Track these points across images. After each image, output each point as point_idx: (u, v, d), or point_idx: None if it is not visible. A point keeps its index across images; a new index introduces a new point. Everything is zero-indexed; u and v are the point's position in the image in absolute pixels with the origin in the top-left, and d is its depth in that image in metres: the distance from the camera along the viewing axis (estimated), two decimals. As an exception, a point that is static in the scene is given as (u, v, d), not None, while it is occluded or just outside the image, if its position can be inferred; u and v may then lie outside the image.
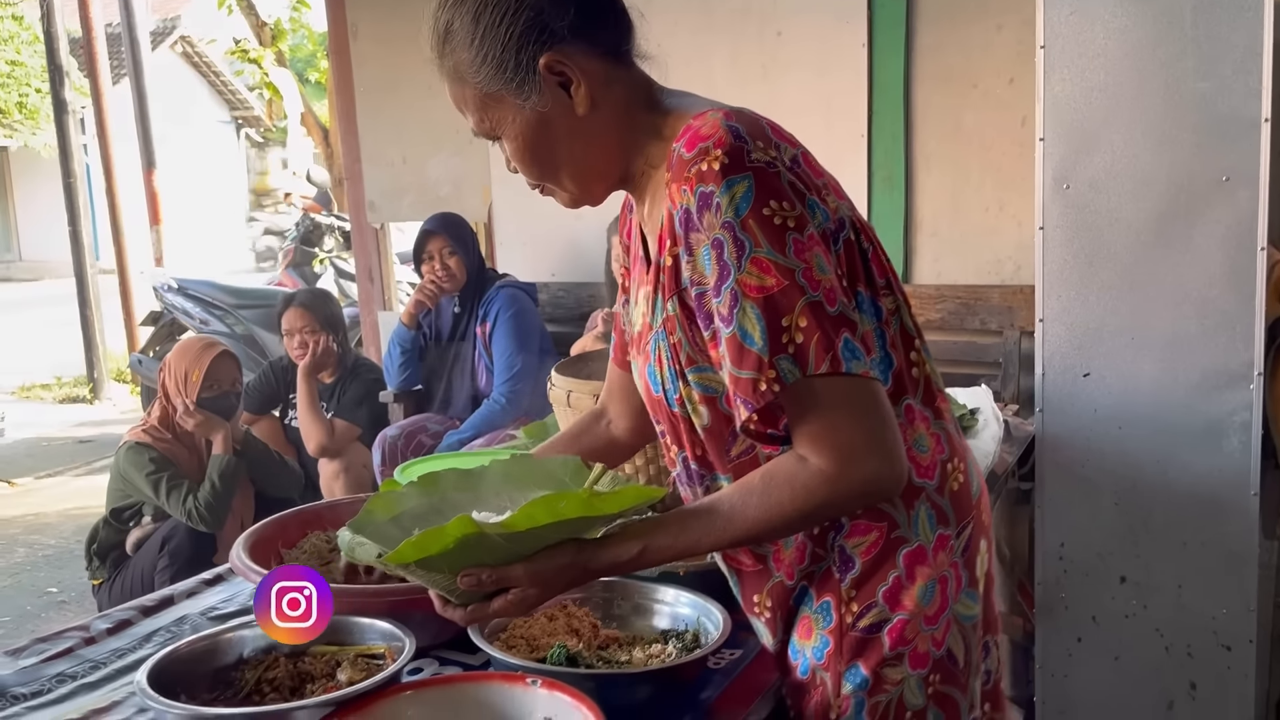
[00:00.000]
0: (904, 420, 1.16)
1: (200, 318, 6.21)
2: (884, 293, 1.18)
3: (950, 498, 1.19)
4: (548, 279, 4.11)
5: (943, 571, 1.18)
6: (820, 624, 1.20)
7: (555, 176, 1.22)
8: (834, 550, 1.18)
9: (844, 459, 1.07)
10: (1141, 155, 2.10)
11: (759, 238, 1.06)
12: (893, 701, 1.18)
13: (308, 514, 1.66)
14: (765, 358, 1.05)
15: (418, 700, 1.14)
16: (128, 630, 1.52)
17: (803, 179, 1.11)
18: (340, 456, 3.86)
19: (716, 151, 1.07)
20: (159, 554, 3.19)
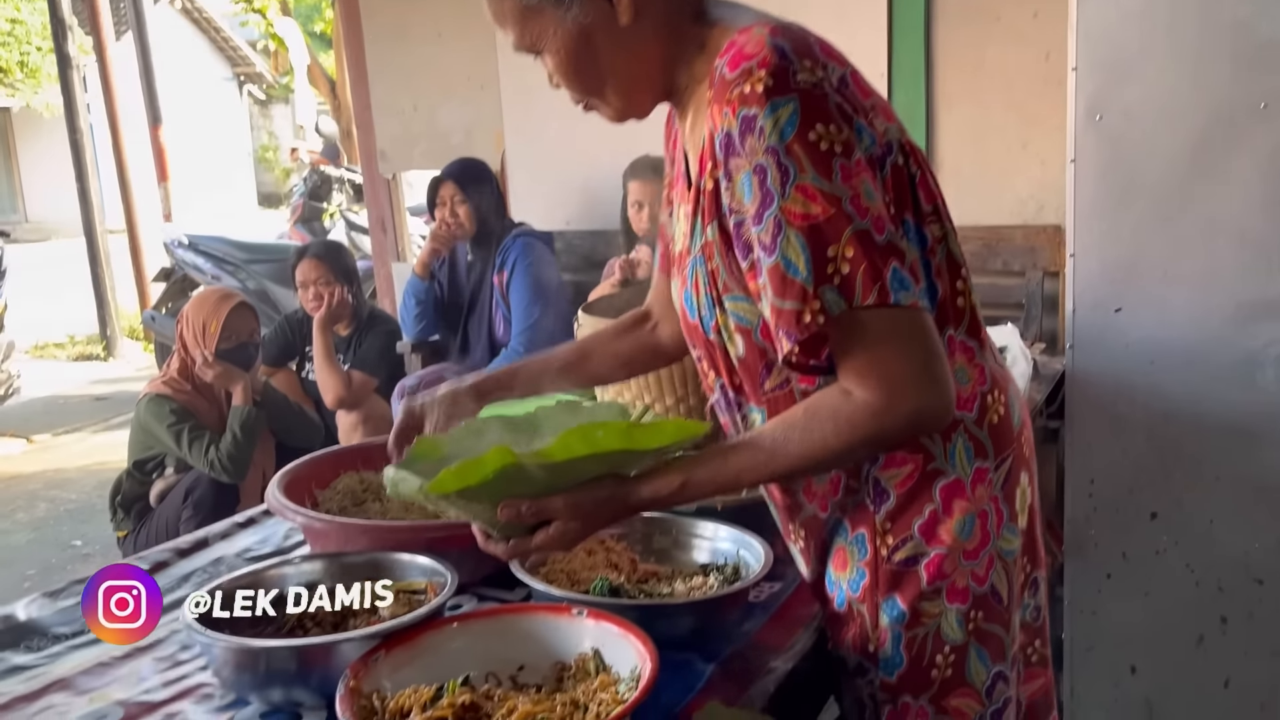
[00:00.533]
0: (945, 351, 1.13)
1: (212, 273, 6.19)
2: (930, 220, 1.14)
3: (989, 430, 1.17)
4: (563, 227, 4.07)
5: (982, 506, 1.16)
6: (856, 556, 1.19)
7: (599, 90, 1.18)
8: (868, 482, 1.16)
9: (891, 391, 1.04)
10: (1177, 84, 2.05)
11: (804, 163, 1.02)
12: (930, 634, 1.17)
13: (342, 454, 1.65)
14: (810, 288, 1.02)
15: (464, 632, 1.13)
16: (165, 571, 1.53)
17: (850, 101, 1.07)
18: (358, 408, 3.85)
19: (760, 72, 1.03)
20: (183, 505, 3.20)
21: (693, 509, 1.46)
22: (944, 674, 1.18)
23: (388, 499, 1.56)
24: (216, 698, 1.16)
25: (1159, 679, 2.29)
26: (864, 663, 1.21)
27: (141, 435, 3.37)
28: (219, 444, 3.25)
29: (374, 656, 1.07)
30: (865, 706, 1.22)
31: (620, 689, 1.04)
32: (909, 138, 1.16)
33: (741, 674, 1.19)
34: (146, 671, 1.23)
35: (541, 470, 1.06)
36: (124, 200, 8.07)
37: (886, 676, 1.19)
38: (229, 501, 3.20)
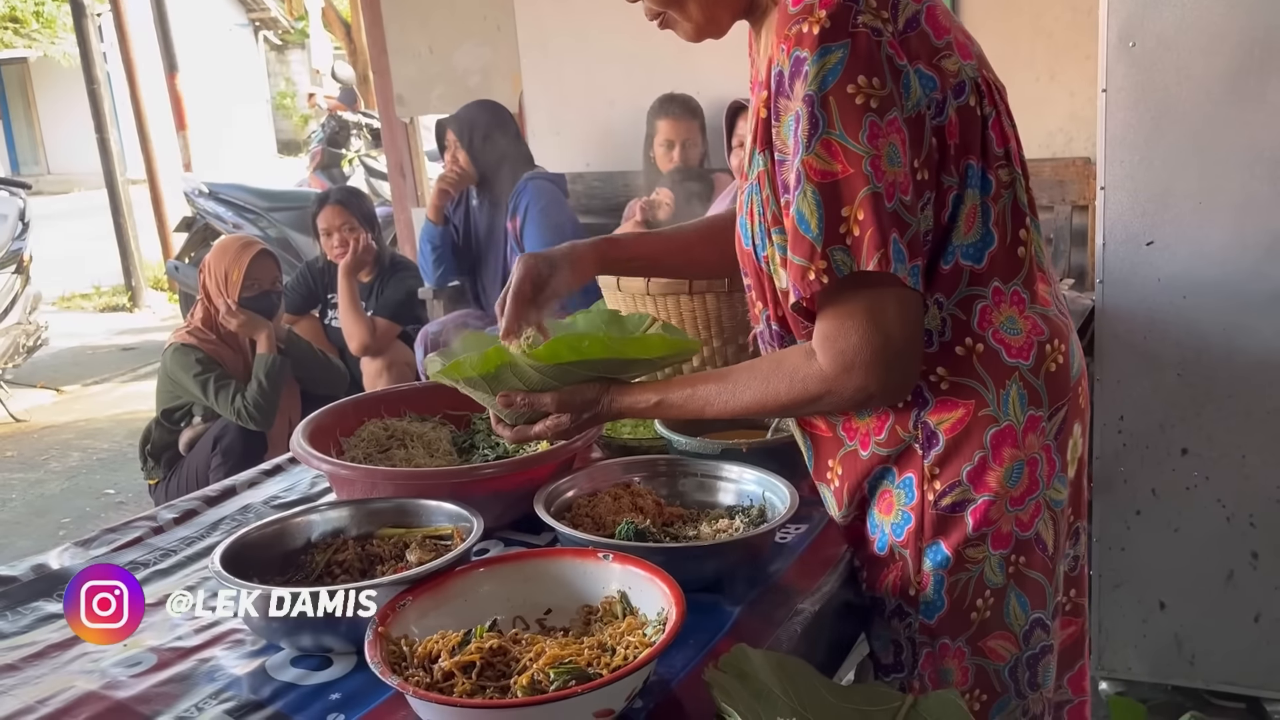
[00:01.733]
0: (990, 303, 1.13)
1: (233, 222, 6.19)
2: (1000, 164, 1.12)
3: (1046, 379, 1.15)
4: (582, 169, 4.02)
5: (1033, 454, 1.15)
6: (902, 500, 1.19)
7: (679, 2, 1.16)
8: (918, 426, 1.16)
9: (842, 366, 1.08)
10: (1214, 8, 1.99)
11: (834, 118, 1.01)
12: (973, 580, 1.18)
13: (365, 402, 1.65)
14: (819, 247, 1.03)
15: (491, 576, 1.13)
16: (194, 519, 1.53)
17: (912, 46, 1.05)
18: (382, 354, 3.86)
19: (820, 12, 1.01)
20: (211, 453, 3.23)
21: (718, 451, 1.45)
22: (982, 616, 1.19)
23: (412, 445, 1.56)
24: (247, 644, 1.17)
25: (1188, 615, 2.29)
26: (904, 606, 1.21)
27: (169, 385, 3.39)
28: (245, 392, 3.27)
29: (401, 602, 1.07)
30: (903, 649, 1.23)
31: (647, 632, 1.03)
32: (990, 75, 1.13)
33: (768, 616, 1.19)
34: (179, 618, 1.24)
35: (534, 369, 1.20)
36: (143, 150, 8.06)
37: (926, 619, 1.20)
38: (257, 449, 3.23)
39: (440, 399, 1.68)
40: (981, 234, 1.12)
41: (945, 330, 1.14)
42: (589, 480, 1.42)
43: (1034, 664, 1.23)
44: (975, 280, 1.13)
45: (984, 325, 1.13)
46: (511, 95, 4.13)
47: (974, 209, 1.10)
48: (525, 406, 1.24)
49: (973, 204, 1.10)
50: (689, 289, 1.76)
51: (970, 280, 1.13)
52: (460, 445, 1.60)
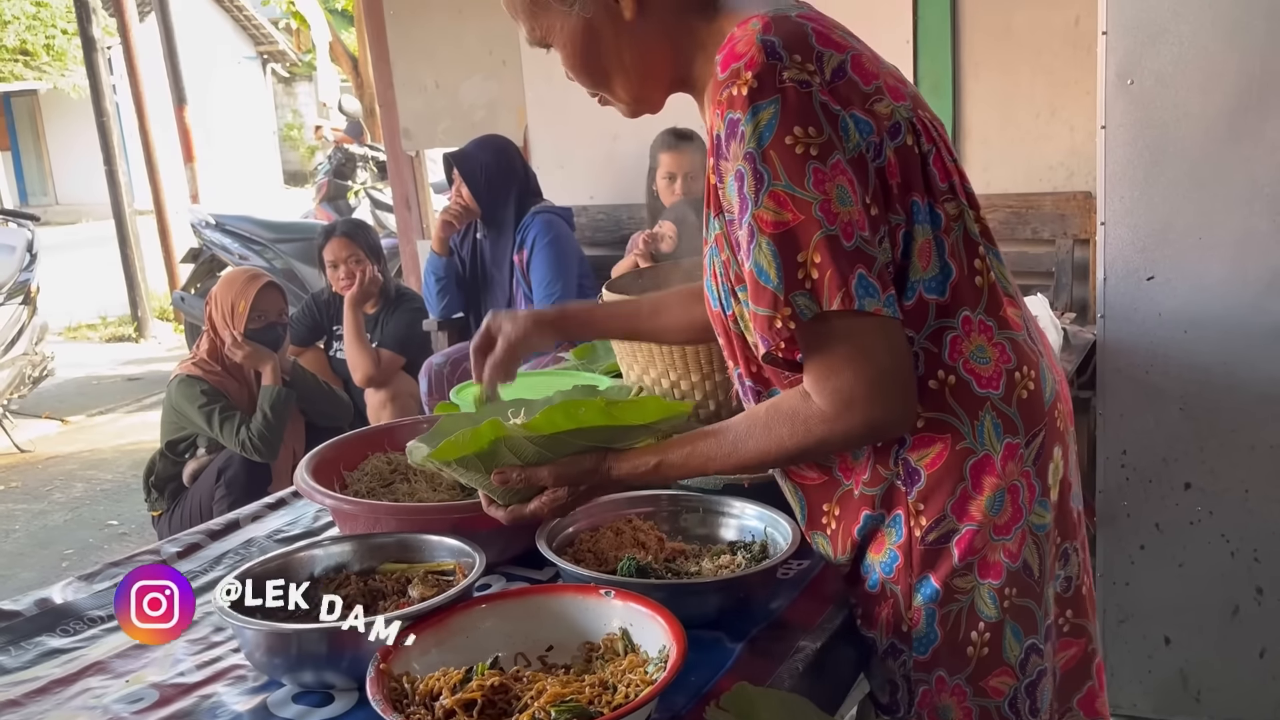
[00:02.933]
0: (960, 333, 1.14)
1: (239, 253, 6.22)
2: (945, 198, 1.14)
3: (1019, 406, 1.16)
4: (586, 202, 4.05)
5: (1013, 481, 1.16)
6: (891, 538, 1.19)
7: (608, 84, 1.21)
8: (899, 464, 1.17)
9: (842, 403, 1.08)
10: (1211, 46, 2.01)
11: (778, 170, 1.04)
12: (964, 610, 1.18)
13: (369, 436, 1.66)
14: (780, 295, 1.05)
15: (493, 613, 1.14)
16: (197, 553, 1.54)
17: (841, 93, 1.07)
18: (387, 386, 3.87)
19: (746, 74, 1.04)
20: (215, 484, 3.23)
21: (719, 486, 1.46)
22: (980, 652, 1.19)
23: (415, 480, 1.57)
24: (249, 680, 1.17)
25: (1194, 650, 2.28)
26: (897, 643, 1.21)
27: (173, 416, 3.41)
28: (250, 424, 3.28)
29: (403, 639, 1.08)
30: (898, 687, 1.23)
31: (649, 669, 1.04)
32: (925, 114, 1.15)
33: (770, 653, 1.19)
34: (181, 654, 1.24)
35: (531, 443, 1.17)
36: (151, 181, 8.12)
37: (920, 655, 1.20)
38: (261, 481, 3.23)
39: (444, 433, 1.69)
40: (940, 267, 1.13)
41: (918, 365, 1.14)
42: (591, 515, 1.42)
43: (1032, 690, 1.22)
44: (942, 312, 1.14)
45: (954, 356, 1.14)
46: (516, 129, 4.17)
47: (927, 243, 1.12)
48: (521, 482, 1.21)
49: (924, 239, 1.12)
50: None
51: (938, 313, 1.14)
52: (463, 479, 1.61)
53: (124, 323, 8.60)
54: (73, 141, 16.83)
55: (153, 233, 8.30)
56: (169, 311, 8.34)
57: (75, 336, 8.60)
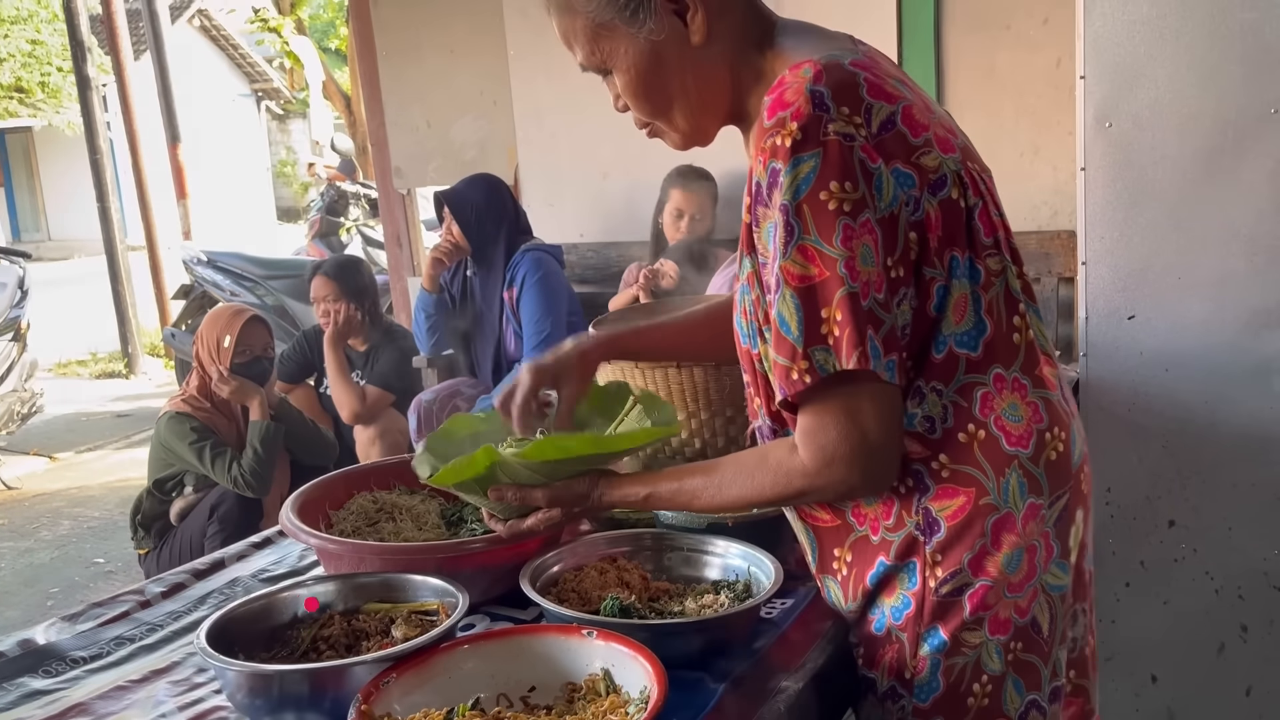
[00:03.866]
0: (991, 389, 1.14)
1: (230, 290, 6.24)
2: (989, 253, 1.13)
3: (1046, 467, 1.16)
4: (576, 240, 4.08)
5: (1031, 540, 1.16)
6: (904, 584, 1.19)
7: (667, 112, 1.20)
8: (919, 513, 1.16)
9: (823, 462, 1.11)
10: (1186, 89, 2.05)
11: (809, 224, 1.04)
12: (969, 665, 1.18)
13: (354, 475, 1.66)
14: (800, 348, 1.06)
15: (475, 654, 1.14)
16: (182, 593, 1.54)
17: (886, 147, 1.07)
18: (375, 423, 3.88)
19: (792, 125, 1.04)
20: (208, 521, 3.23)
21: (703, 524, 1.47)
22: (980, 703, 1.19)
23: (400, 519, 1.57)
24: (232, 721, 1.17)
25: (1180, 688, 2.27)
26: (898, 688, 1.21)
27: (162, 453, 3.40)
28: (241, 460, 3.28)
29: (385, 679, 1.08)
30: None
31: (630, 710, 1.04)
32: (974, 165, 1.16)
33: (752, 693, 1.19)
34: (163, 695, 1.24)
35: (525, 467, 1.24)
36: (144, 218, 8.15)
37: (920, 702, 1.20)
38: (254, 516, 3.23)
39: (430, 472, 1.69)
40: (974, 322, 1.13)
41: (947, 417, 1.14)
42: (576, 555, 1.43)
43: None
44: (973, 368, 1.13)
45: (985, 412, 1.14)
46: (507, 168, 4.21)
47: (963, 298, 1.12)
48: (517, 501, 1.27)
49: (961, 293, 1.11)
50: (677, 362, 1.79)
51: (968, 368, 1.13)
52: (449, 519, 1.61)
53: (114, 359, 8.59)
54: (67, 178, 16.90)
55: (145, 269, 8.31)
56: (160, 348, 8.35)
57: (65, 372, 8.58)
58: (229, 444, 3.36)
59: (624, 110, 1.23)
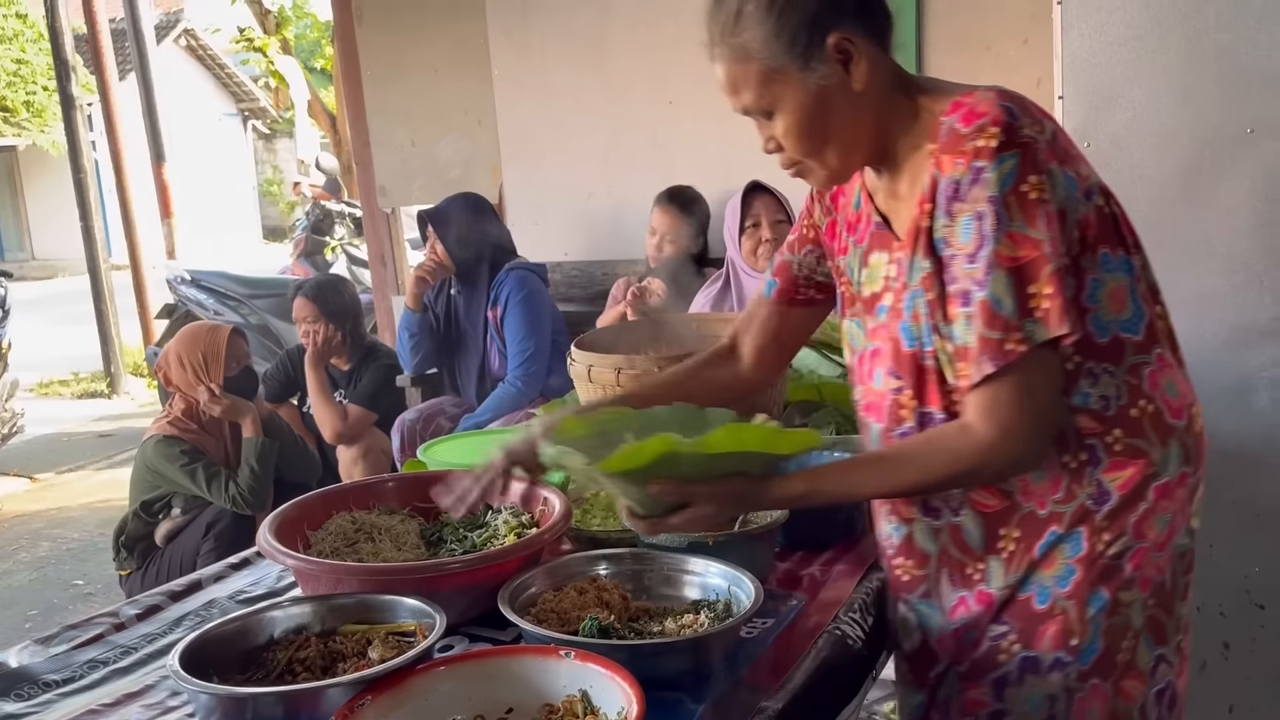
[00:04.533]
0: (1155, 367, 1.28)
1: (214, 308, 6.21)
2: (1134, 250, 1.29)
3: (1194, 439, 1.31)
4: (560, 258, 4.08)
5: (1177, 506, 1.29)
6: (1066, 554, 1.28)
7: (821, 152, 1.31)
8: (1092, 484, 1.26)
9: (1001, 436, 1.19)
10: (1164, 110, 2.06)
11: (1015, 212, 1.17)
12: (1123, 622, 1.29)
13: (333, 495, 1.65)
14: (1015, 319, 1.17)
15: (451, 675, 1.13)
16: (157, 615, 1.52)
17: (1058, 153, 1.22)
18: (358, 442, 3.86)
19: (993, 129, 1.18)
20: (203, 539, 3.21)
21: (684, 544, 1.46)
22: (1125, 659, 1.30)
23: (379, 539, 1.56)
24: (205, 746, 1.15)
25: (1163, 706, 2.27)
26: (1063, 657, 1.29)
27: (148, 476, 3.37)
28: (237, 479, 3.27)
29: (360, 702, 1.07)
30: (1058, 699, 1.30)
31: (607, 731, 1.03)
32: (1104, 183, 1.31)
33: (732, 714, 1.18)
34: (135, 718, 1.22)
35: (692, 460, 1.21)
36: (127, 237, 8.11)
37: (1083, 665, 1.29)
38: (249, 533, 3.19)
39: (410, 492, 1.69)
40: (1134, 310, 1.27)
41: (1120, 395, 1.26)
42: (555, 574, 1.42)
43: (1160, 698, 1.33)
44: (1139, 349, 1.27)
45: (1153, 389, 1.27)
46: (492, 187, 4.21)
47: (1119, 289, 1.26)
48: (677, 497, 1.25)
49: (1116, 285, 1.26)
50: (658, 379, 1.79)
51: (1134, 350, 1.27)
52: (429, 538, 1.60)
53: (97, 378, 8.53)
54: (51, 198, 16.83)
55: (128, 288, 8.27)
56: (143, 367, 8.29)
57: (47, 392, 8.51)
58: (220, 464, 3.34)
59: (773, 151, 1.33)
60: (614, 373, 1.81)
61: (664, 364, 1.78)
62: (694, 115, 3.78)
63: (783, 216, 3.00)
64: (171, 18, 17.58)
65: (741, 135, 3.97)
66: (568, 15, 3.94)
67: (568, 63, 3.98)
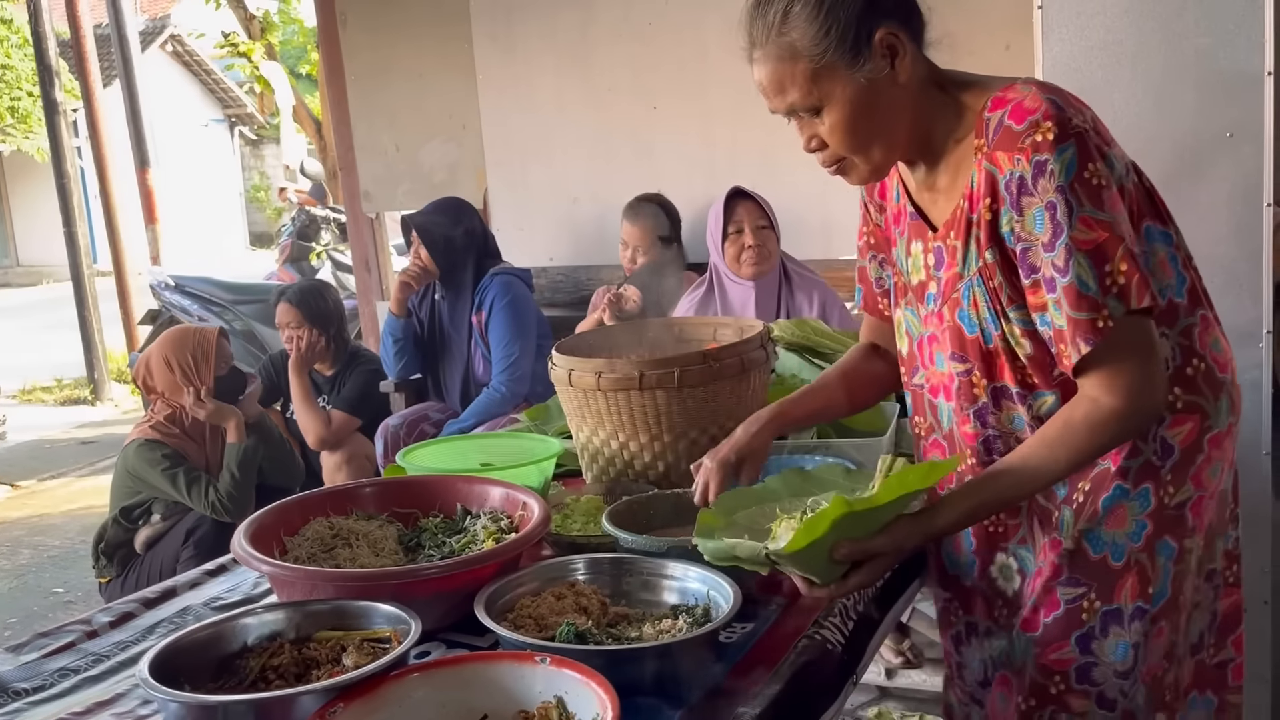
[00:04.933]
0: (1201, 327, 1.37)
1: (199, 314, 6.17)
2: (1169, 221, 1.37)
3: (1236, 391, 1.40)
4: (545, 263, 4.08)
5: (1226, 454, 1.39)
6: (1136, 511, 1.35)
7: (867, 147, 1.34)
8: (1155, 440, 1.34)
9: (1132, 397, 1.25)
10: (1143, 114, 2.07)
11: (1083, 199, 1.23)
12: (1186, 568, 1.38)
13: (310, 501, 1.63)
14: (1100, 299, 1.23)
15: (425, 682, 1.12)
16: (130, 623, 1.51)
17: (1103, 137, 1.28)
18: (342, 448, 3.84)
19: (1047, 124, 1.23)
20: (183, 545, 3.18)
21: (664, 549, 1.45)
22: (1185, 598, 1.40)
23: (357, 544, 1.54)
24: (175, 754, 1.13)
25: None
26: (1142, 605, 1.36)
27: (129, 481, 3.35)
28: (218, 484, 3.24)
29: (332, 709, 1.05)
30: (1140, 645, 1.37)
31: (582, 738, 1.02)
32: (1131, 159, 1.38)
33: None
34: (106, 727, 1.21)
35: (865, 514, 1.22)
36: (111, 243, 8.06)
37: (1153, 609, 1.37)
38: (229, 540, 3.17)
39: (388, 497, 1.67)
40: (1177, 276, 1.36)
41: (1176, 355, 1.35)
42: (533, 579, 1.41)
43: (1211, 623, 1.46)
44: (1187, 312, 1.36)
45: (1203, 347, 1.36)
46: (477, 191, 4.21)
47: (1164, 258, 1.34)
48: (860, 556, 1.26)
49: (1162, 254, 1.34)
50: (639, 384, 1.78)
51: (1184, 312, 1.36)
52: (407, 544, 1.59)
53: (80, 385, 8.48)
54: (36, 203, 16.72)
55: (113, 294, 8.22)
56: (126, 374, 8.23)
57: (30, 399, 8.46)
58: (202, 469, 3.31)
59: (815, 150, 1.36)
60: (594, 376, 1.80)
61: (644, 368, 1.77)
62: (678, 120, 3.79)
63: (765, 222, 3.01)
64: (158, 23, 17.52)
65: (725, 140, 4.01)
66: (552, 20, 3.94)
67: (552, 67, 3.98)
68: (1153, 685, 1.41)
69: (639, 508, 1.64)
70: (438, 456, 1.93)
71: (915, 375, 1.51)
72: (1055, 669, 1.41)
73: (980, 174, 1.30)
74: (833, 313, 3.00)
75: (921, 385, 1.50)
